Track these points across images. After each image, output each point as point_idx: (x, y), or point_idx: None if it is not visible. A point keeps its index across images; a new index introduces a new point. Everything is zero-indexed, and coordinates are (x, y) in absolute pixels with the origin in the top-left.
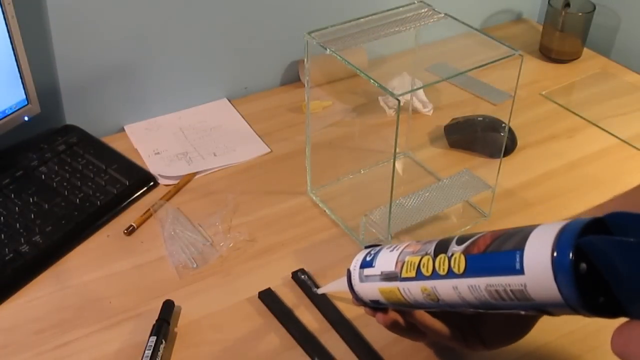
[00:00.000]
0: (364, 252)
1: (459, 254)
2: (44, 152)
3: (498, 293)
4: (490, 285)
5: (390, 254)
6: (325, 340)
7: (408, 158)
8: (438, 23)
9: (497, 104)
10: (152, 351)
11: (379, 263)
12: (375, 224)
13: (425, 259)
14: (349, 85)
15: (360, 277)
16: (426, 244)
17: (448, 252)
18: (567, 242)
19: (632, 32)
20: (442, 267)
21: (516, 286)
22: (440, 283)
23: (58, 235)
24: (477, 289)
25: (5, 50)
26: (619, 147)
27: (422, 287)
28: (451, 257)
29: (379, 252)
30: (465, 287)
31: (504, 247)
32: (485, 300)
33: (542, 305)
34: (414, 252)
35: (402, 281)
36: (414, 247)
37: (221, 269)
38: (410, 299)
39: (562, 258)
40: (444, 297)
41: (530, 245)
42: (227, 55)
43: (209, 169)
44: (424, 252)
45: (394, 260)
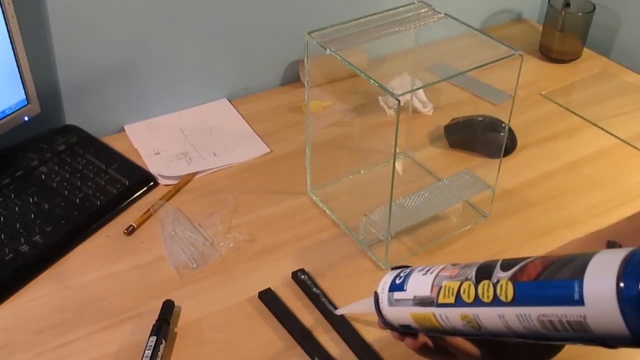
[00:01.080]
0: (392, 274)
1: (505, 281)
2: (44, 152)
3: (552, 324)
4: (543, 316)
5: (423, 277)
6: (325, 340)
7: (408, 158)
8: (438, 23)
9: (497, 104)
10: (152, 351)
11: (411, 287)
12: (375, 224)
13: (466, 285)
14: (349, 85)
15: (390, 300)
16: (464, 268)
17: (492, 278)
18: (635, 271)
19: (632, 32)
20: (486, 294)
21: (574, 317)
22: (483, 311)
23: (58, 235)
24: (528, 318)
25: (5, 50)
26: (619, 147)
27: (462, 314)
28: (497, 283)
29: (409, 274)
30: (513, 316)
31: (559, 276)
32: (536, 330)
33: (602, 338)
34: (451, 277)
35: (438, 307)
36: (450, 272)
37: (221, 269)
38: (447, 325)
39: (630, 289)
40: (487, 325)
41: (590, 274)
42: (227, 55)
43: (209, 169)
44: (463, 277)
45: (429, 284)
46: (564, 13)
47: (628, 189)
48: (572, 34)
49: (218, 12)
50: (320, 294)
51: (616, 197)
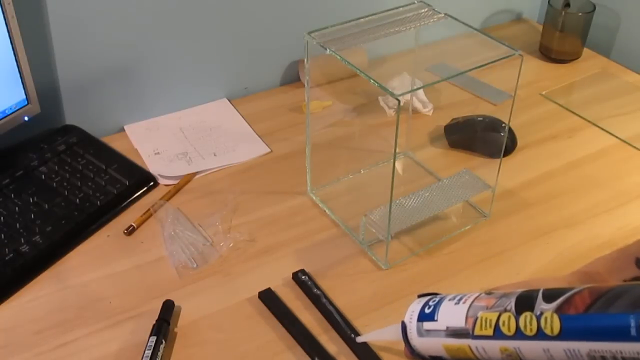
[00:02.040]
0: (420, 303)
1: (550, 314)
2: (44, 152)
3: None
4: (594, 351)
5: (455, 307)
6: (325, 340)
7: (408, 158)
8: (438, 23)
9: (497, 104)
10: (152, 351)
11: (442, 317)
12: (375, 224)
13: (506, 317)
14: (349, 85)
15: (419, 330)
16: (502, 298)
17: (535, 310)
18: None
19: (632, 32)
20: (528, 327)
21: (630, 354)
22: (526, 344)
23: (58, 235)
24: (576, 353)
25: (5, 50)
26: (619, 147)
27: (501, 347)
28: (540, 316)
29: (439, 303)
30: (560, 350)
31: (612, 309)
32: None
33: None
34: (487, 307)
35: (474, 339)
36: (486, 301)
37: (221, 269)
38: (485, 358)
39: None
40: (529, 358)
41: None
42: (227, 55)
43: (209, 169)
44: (501, 308)
45: (463, 314)
46: (564, 13)
47: (628, 189)
48: (572, 34)
49: (218, 12)
50: (321, 295)
51: (616, 197)
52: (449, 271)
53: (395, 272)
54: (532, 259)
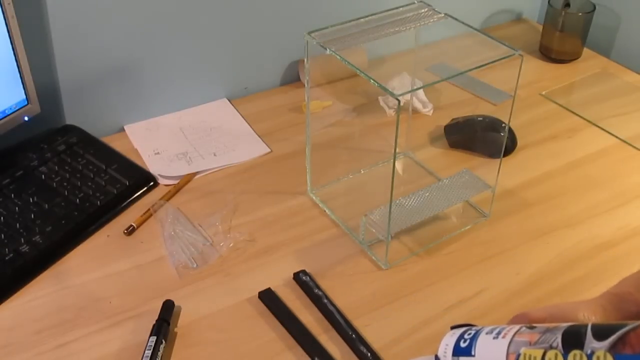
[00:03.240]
0: (454, 336)
1: (603, 353)
2: (44, 152)
3: None
4: None
5: (494, 342)
6: (325, 340)
7: (408, 158)
8: (438, 23)
9: (497, 104)
10: (152, 351)
11: (480, 352)
12: (375, 224)
13: (552, 354)
14: (349, 85)
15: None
16: (546, 333)
17: (585, 348)
18: None
19: (632, 32)
20: None
21: None
22: None
23: (58, 235)
24: None
25: (5, 50)
26: (619, 147)
27: None
28: (591, 355)
29: (476, 336)
30: None
31: None
32: None
33: None
34: (531, 343)
35: None
36: (529, 336)
37: (221, 269)
38: None
39: None
40: None
41: None
42: (227, 55)
43: (209, 169)
44: (547, 345)
45: (504, 351)
46: (564, 13)
47: (628, 189)
48: (572, 34)
49: (218, 12)
50: (322, 296)
51: (616, 197)
52: (448, 271)
53: (395, 272)
54: (532, 259)
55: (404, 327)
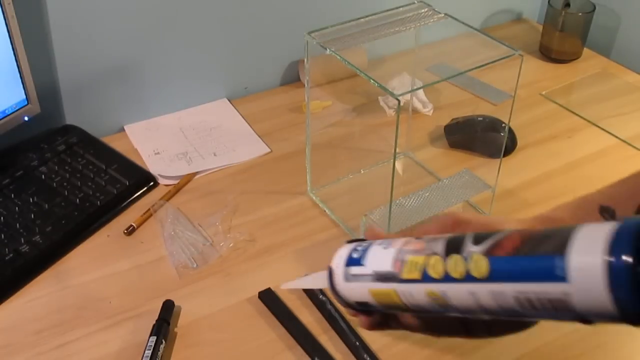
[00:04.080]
0: (349, 248)
1: (478, 256)
2: (44, 152)
3: (529, 301)
4: (520, 293)
5: (384, 251)
6: (325, 340)
7: (408, 158)
8: (438, 23)
9: (497, 104)
10: (152, 351)
11: (370, 261)
12: (375, 224)
13: (434, 260)
14: (349, 85)
15: (346, 275)
16: (431, 242)
17: (463, 252)
18: (624, 244)
19: (632, 32)
20: (456, 269)
21: (555, 295)
22: (452, 287)
23: (58, 235)
24: (502, 295)
25: (5, 50)
26: (619, 147)
27: (428, 291)
28: (468, 258)
29: (368, 248)
30: (486, 293)
31: (540, 250)
32: (510, 308)
33: (585, 315)
34: (416, 251)
35: (401, 283)
36: (415, 245)
37: (221, 269)
38: (410, 302)
39: (618, 263)
40: (456, 302)
41: (575, 248)
42: (227, 55)
43: (209, 169)
44: (430, 252)
45: (390, 258)
46: (564, 13)
47: None
48: (572, 34)
49: (218, 12)
50: (326, 301)
51: None
52: None
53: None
54: None
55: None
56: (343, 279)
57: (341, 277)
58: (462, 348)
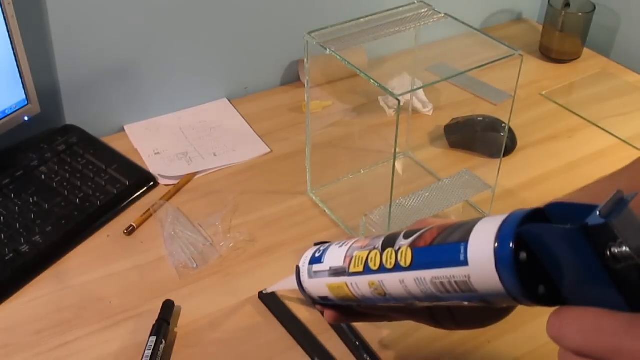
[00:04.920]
0: (314, 249)
1: (406, 247)
2: (44, 152)
3: (443, 285)
4: (435, 278)
5: (339, 249)
6: (325, 340)
7: (408, 158)
8: (438, 23)
9: (497, 104)
10: (152, 351)
11: (328, 259)
12: (375, 224)
13: (373, 254)
14: (349, 85)
15: (310, 273)
16: (374, 239)
17: (395, 245)
18: (508, 231)
19: (632, 32)
20: (389, 260)
21: (460, 277)
22: (387, 277)
23: (58, 235)
24: (423, 281)
25: (5, 50)
26: (619, 147)
27: (369, 282)
28: (398, 250)
29: (328, 248)
30: (411, 280)
31: (449, 240)
32: (431, 293)
33: (485, 296)
34: (362, 247)
35: (350, 276)
36: (362, 243)
37: (221, 269)
38: (358, 293)
39: (503, 248)
40: (391, 291)
41: (474, 236)
42: (227, 55)
43: (209, 169)
44: (372, 247)
45: (343, 255)
46: (564, 13)
47: None
48: (572, 34)
49: (218, 12)
50: None
51: None
52: None
53: None
54: None
55: (404, 327)
56: (307, 277)
57: (306, 274)
58: (461, 348)
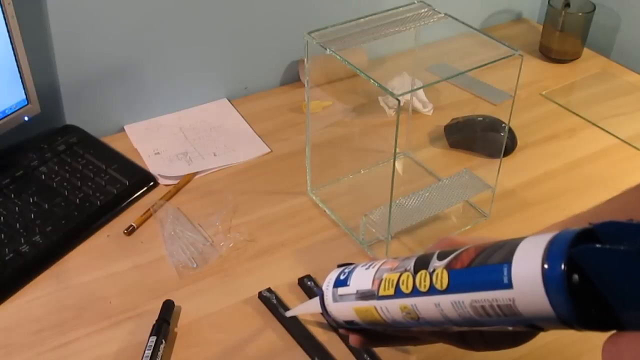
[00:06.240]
0: (337, 271)
1: (441, 270)
2: (44, 152)
3: (484, 309)
4: (475, 301)
5: (366, 271)
6: (325, 340)
7: (408, 158)
8: (438, 23)
9: (497, 104)
10: (152, 351)
11: (354, 281)
12: (375, 224)
13: (405, 276)
14: (349, 85)
15: (334, 296)
16: (404, 261)
17: (429, 267)
18: (559, 253)
19: (632, 32)
20: (423, 283)
21: (503, 301)
22: (421, 300)
23: (58, 235)
24: (461, 305)
25: (5, 50)
26: (619, 147)
27: (401, 305)
28: (433, 272)
29: (353, 270)
30: (448, 303)
31: (490, 261)
32: (470, 317)
33: (531, 320)
34: (391, 269)
35: (379, 299)
36: (391, 264)
37: (221, 269)
38: (388, 317)
39: (553, 270)
40: (425, 315)
41: (518, 257)
42: (227, 55)
43: (209, 169)
44: (402, 269)
45: (371, 278)
46: (564, 13)
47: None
48: (572, 34)
49: (218, 12)
50: None
51: None
52: None
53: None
54: None
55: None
56: (332, 300)
57: (330, 298)
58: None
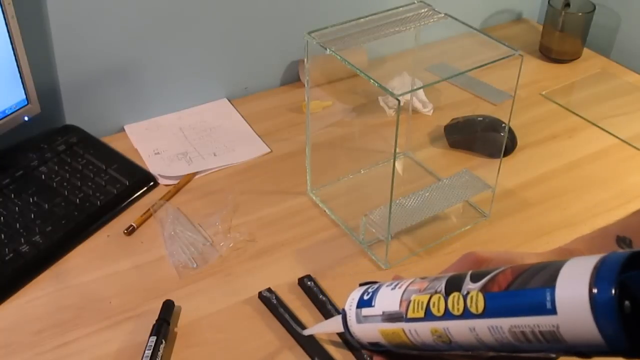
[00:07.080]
0: (360, 291)
1: (476, 292)
2: (44, 152)
3: (524, 335)
4: (515, 327)
5: (392, 292)
6: (325, 340)
7: (408, 158)
8: (438, 23)
9: (497, 104)
10: (152, 351)
11: (379, 302)
12: (375, 224)
13: (436, 298)
14: (349, 85)
15: (358, 317)
16: (434, 281)
17: (462, 290)
18: (608, 277)
19: (632, 32)
20: (456, 306)
21: (546, 327)
22: (454, 324)
23: (58, 235)
24: (499, 330)
25: (5, 50)
26: (619, 147)
27: (432, 329)
28: (467, 295)
29: (377, 290)
30: (484, 328)
31: (530, 285)
32: (508, 342)
33: (576, 347)
34: (420, 291)
35: (408, 322)
36: (419, 285)
37: (221, 269)
38: (417, 341)
39: (603, 295)
40: (458, 339)
41: (562, 281)
42: (227, 55)
43: (209, 169)
44: (432, 290)
45: (398, 299)
46: (564, 13)
47: (628, 188)
48: (572, 34)
49: (218, 12)
50: (327, 302)
51: (616, 197)
52: None
53: (395, 272)
54: None
55: None
56: (355, 321)
57: (354, 319)
58: None
